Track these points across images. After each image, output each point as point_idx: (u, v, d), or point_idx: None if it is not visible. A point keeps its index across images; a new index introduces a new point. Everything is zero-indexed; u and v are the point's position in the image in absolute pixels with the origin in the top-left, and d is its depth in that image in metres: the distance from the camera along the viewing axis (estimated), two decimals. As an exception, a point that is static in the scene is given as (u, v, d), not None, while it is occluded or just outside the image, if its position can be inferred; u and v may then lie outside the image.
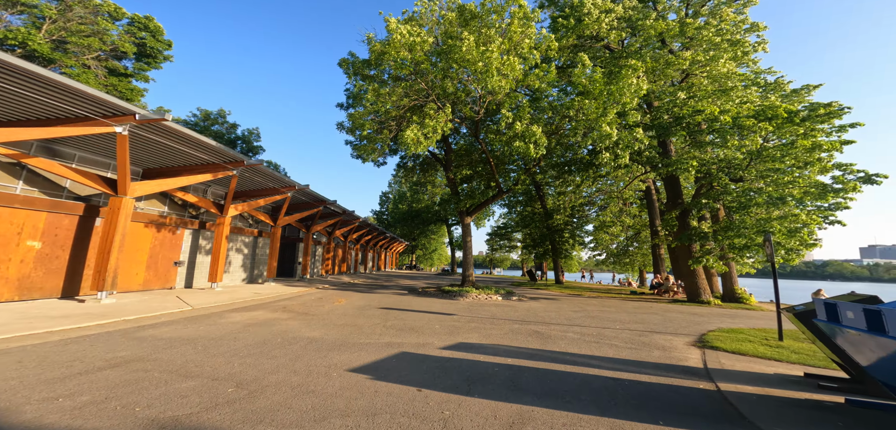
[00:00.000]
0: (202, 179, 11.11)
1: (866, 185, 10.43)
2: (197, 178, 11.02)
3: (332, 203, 19.91)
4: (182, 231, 12.89)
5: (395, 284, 23.02)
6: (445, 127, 14.27)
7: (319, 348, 5.99)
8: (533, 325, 8.99)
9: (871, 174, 10.36)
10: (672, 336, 7.97)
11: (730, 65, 13.93)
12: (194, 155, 10.71)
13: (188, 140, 9.53)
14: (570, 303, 14.43)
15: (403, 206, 61.75)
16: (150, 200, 11.79)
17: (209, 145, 10.06)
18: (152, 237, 11.62)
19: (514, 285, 26.14)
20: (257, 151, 38.11)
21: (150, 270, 11.46)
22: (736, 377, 4.77)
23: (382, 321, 8.80)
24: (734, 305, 16.05)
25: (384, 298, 14.19)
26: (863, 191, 10.44)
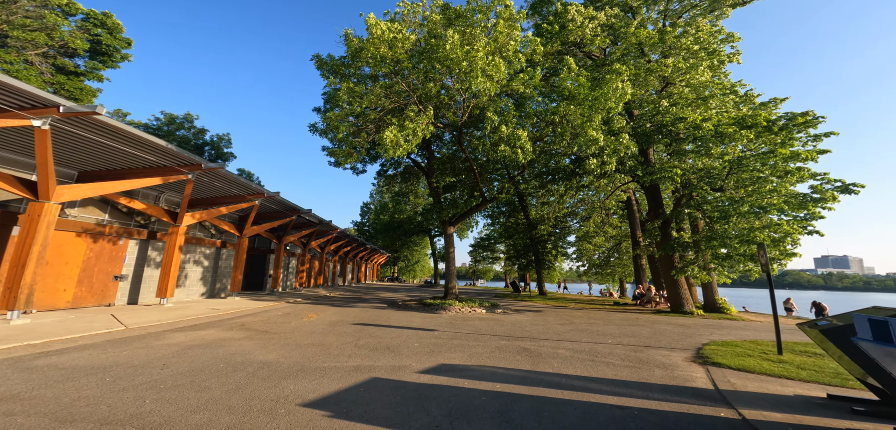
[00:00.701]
0: (150, 183, 9.83)
1: (844, 194, 10.59)
2: (143, 182, 9.74)
3: (307, 212, 18.69)
4: (126, 242, 11.40)
5: (374, 297, 21.83)
6: (426, 130, 13.60)
7: (271, 375, 4.99)
8: (520, 341, 8.27)
9: (849, 184, 10.54)
10: (668, 351, 7.44)
11: (707, 74, 14.14)
12: (140, 156, 9.46)
13: (130, 139, 8.33)
14: (556, 315, 13.87)
15: (385, 216, 60.43)
16: (86, 206, 10.33)
17: (157, 146, 8.87)
18: (87, 248, 10.13)
19: (497, 296, 25.48)
20: (228, 158, 36.11)
21: (83, 285, 9.94)
22: (754, 400, 4.20)
23: (354, 339, 7.82)
24: (716, 315, 16.01)
25: (360, 312, 13.11)
26: (840, 201, 10.61)
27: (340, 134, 13.30)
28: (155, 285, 12.02)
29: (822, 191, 10.85)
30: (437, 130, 21.11)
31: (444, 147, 22.87)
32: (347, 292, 25.57)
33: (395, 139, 11.94)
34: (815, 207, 10.84)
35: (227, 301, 13.69)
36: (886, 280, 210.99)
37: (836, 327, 3.60)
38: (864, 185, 10.36)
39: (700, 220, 17.76)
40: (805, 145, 11.59)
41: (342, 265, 37.26)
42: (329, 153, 15.44)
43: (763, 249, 7.22)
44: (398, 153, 12.47)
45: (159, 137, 11.48)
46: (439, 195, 20.17)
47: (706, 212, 13.65)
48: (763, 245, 7.24)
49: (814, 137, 11.31)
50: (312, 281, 28.04)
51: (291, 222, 18.96)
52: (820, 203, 10.75)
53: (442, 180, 19.63)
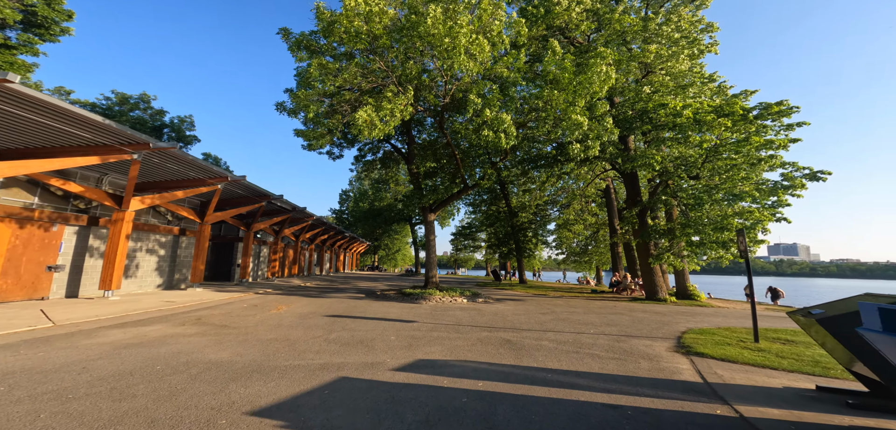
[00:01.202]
0: (85, 162, 8.62)
1: (812, 182, 10.97)
2: (77, 161, 8.52)
3: (278, 198, 17.55)
4: (61, 228, 10.08)
5: (352, 286, 21.08)
6: (405, 112, 12.87)
7: (218, 378, 4.35)
8: (503, 332, 7.96)
9: (816, 171, 10.91)
10: (650, 341, 7.35)
11: (687, 63, 14.20)
12: (73, 133, 8.23)
13: (54, 112, 7.15)
14: (537, 304, 13.77)
15: (364, 204, 59.00)
16: (9, 188, 8.95)
17: (90, 121, 7.70)
18: (12, 235, 8.82)
19: (479, 285, 25.37)
20: (191, 142, 33.58)
21: (9, 277, 8.67)
22: (745, 394, 4.02)
23: (325, 333, 7.22)
24: (688, 302, 16.52)
25: (335, 303, 12.43)
26: (808, 188, 11.00)
27: (311, 114, 12.28)
28: (99, 276, 10.78)
29: (791, 178, 11.19)
30: (418, 113, 20.32)
31: (424, 132, 22.13)
32: (324, 281, 24.62)
33: (370, 120, 11.17)
34: (784, 195, 11.16)
35: (187, 293, 12.60)
36: (830, 267, 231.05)
37: (835, 317, 3.41)
38: (831, 172, 10.76)
39: (675, 208, 18.19)
40: (777, 135, 11.88)
41: (319, 254, 35.99)
42: (300, 136, 14.30)
43: (742, 235, 7.21)
44: (374, 135, 11.71)
45: (108, 117, 10.15)
46: (420, 181, 19.52)
47: (681, 199, 13.88)
48: (742, 231, 7.22)
49: (786, 126, 11.61)
50: (286, 271, 26.81)
51: (261, 208, 17.75)
52: (790, 190, 11.08)
53: (422, 166, 18.96)
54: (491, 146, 12.54)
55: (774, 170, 12.20)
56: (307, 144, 14.00)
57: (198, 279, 14.15)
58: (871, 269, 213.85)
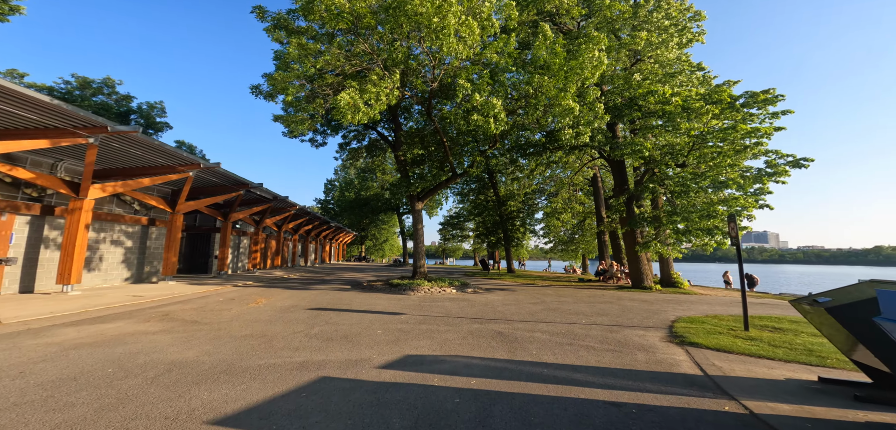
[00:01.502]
0: (33, 146, 7.77)
1: (794, 168, 11.14)
2: (24, 145, 7.66)
3: (257, 187, 16.69)
4: (10, 218, 9.15)
5: (337, 277, 20.52)
6: (391, 96, 12.28)
7: (180, 380, 3.89)
8: (494, 323, 7.72)
9: (799, 159, 11.08)
10: (643, 330, 7.25)
11: (675, 51, 14.12)
12: (17, 115, 7.35)
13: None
14: (527, 294, 13.66)
15: (350, 194, 57.80)
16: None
17: (38, 102, 6.87)
18: (-48, 225, 7.90)
19: (467, 275, 25.23)
20: (161, 129, 31.69)
21: (-51, 272, 7.79)
22: (749, 388, 3.87)
23: (307, 328, 6.78)
24: (672, 289, 16.80)
25: (319, 295, 11.94)
26: (791, 175, 11.17)
27: (289, 97, 11.52)
28: (56, 269, 9.92)
29: (775, 166, 11.33)
30: (405, 100, 19.67)
31: (411, 120, 21.48)
32: (308, 273, 23.92)
33: (354, 103, 10.57)
34: (768, 181, 11.31)
35: (158, 287, 11.83)
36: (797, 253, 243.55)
37: (846, 306, 3.25)
38: (813, 159, 10.94)
39: (660, 196, 18.35)
40: (762, 123, 11.98)
41: (304, 245, 35.04)
42: (280, 121, 13.42)
43: (734, 220, 7.14)
44: (358, 119, 11.11)
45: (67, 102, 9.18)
46: (407, 169, 18.99)
47: (668, 187, 13.94)
48: (734, 217, 7.15)
49: (772, 114, 11.70)
50: (269, 262, 25.93)
51: (238, 197, 16.87)
52: (773, 177, 11.23)
53: (410, 153, 18.40)
54: (480, 132, 12.15)
55: (758, 158, 12.34)
56: (287, 129, 13.21)
57: (170, 272, 13.32)
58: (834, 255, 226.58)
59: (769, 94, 11.50)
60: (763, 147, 11.77)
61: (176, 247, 13.47)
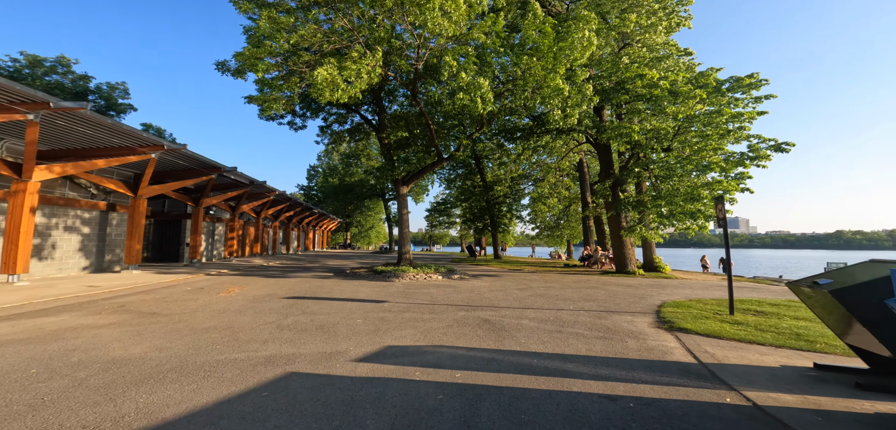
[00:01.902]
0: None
1: (776, 152, 11.27)
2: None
3: (230, 170, 15.72)
4: (-61, 200, 8.11)
5: (320, 265, 19.89)
6: (373, 74, 11.59)
7: (116, 381, 3.40)
8: (481, 310, 7.44)
9: (781, 143, 11.21)
10: (631, 316, 7.13)
11: (663, 36, 13.95)
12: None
13: None
14: (514, 280, 13.50)
15: (334, 179, 56.27)
16: None
17: None
18: None
19: (454, 261, 25.02)
20: (124, 111, 29.55)
21: None
22: (745, 376, 3.71)
23: (280, 318, 6.30)
24: (655, 274, 17.07)
25: (298, 283, 11.38)
26: (772, 158, 11.32)
27: (259, 73, 10.61)
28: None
29: (757, 150, 11.43)
30: (389, 82, 18.83)
31: (395, 103, 20.67)
32: (290, 260, 23.13)
33: (332, 79, 9.86)
34: (751, 165, 11.41)
35: (120, 277, 10.98)
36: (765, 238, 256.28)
37: (850, 288, 3.06)
38: (794, 143, 11.08)
39: (644, 181, 18.47)
40: (745, 107, 12.02)
41: (285, 232, 33.92)
42: (253, 102, 12.38)
43: (721, 202, 7.04)
44: (337, 97, 10.43)
45: (15, 81, 8.08)
46: (391, 153, 18.33)
47: (653, 172, 13.94)
48: (722, 198, 7.05)
49: (755, 99, 11.74)
50: (247, 250, 24.92)
51: (210, 181, 15.86)
52: (755, 161, 11.33)
53: (394, 136, 17.73)
54: (467, 113, 11.67)
55: (740, 142, 12.42)
56: (260, 111, 12.26)
57: (135, 260, 12.41)
58: (799, 240, 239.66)
59: (754, 78, 11.49)
60: (746, 131, 11.84)
61: (139, 234, 12.52)
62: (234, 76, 11.79)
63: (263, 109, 11.85)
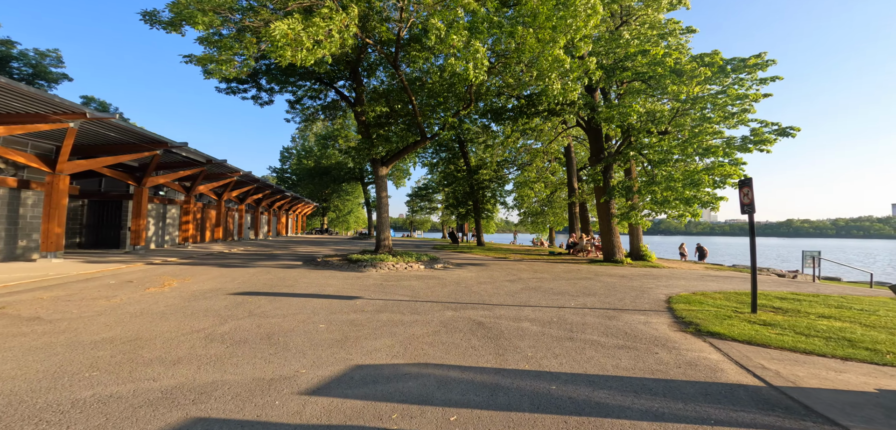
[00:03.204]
0: None
1: (781, 137, 10.74)
2: None
3: (179, 146, 13.58)
4: None
5: (289, 252, 18.13)
6: (346, 34, 9.90)
7: None
8: (471, 309, 6.29)
9: (785, 127, 10.68)
10: (643, 315, 6.21)
11: (666, 9, 13.05)
12: None
13: None
14: (502, 270, 12.49)
15: (309, 162, 53.23)
16: None
17: None
18: None
19: (436, 248, 23.84)
20: (56, 81, 25.78)
21: None
22: (847, 407, 2.75)
23: (215, 325, 4.86)
24: (643, 263, 16.63)
25: (258, 274, 9.80)
26: (776, 141, 10.77)
27: (200, 27, 8.58)
28: None
29: (760, 133, 10.85)
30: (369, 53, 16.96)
31: (375, 78, 18.76)
32: (256, 247, 21.12)
33: (295, 36, 8.15)
34: (753, 149, 10.84)
35: (34, 266, 9.00)
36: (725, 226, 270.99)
37: None
38: (799, 128, 10.59)
39: (635, 166, 17.86)
40: (748, 89, 11.39)
41: (253, 216, 31.42)
42: (197, 63, 10.08)
43: (749, 186, 6.16)
44: (302, 59, 8.73)
45: None
46: (369, 131, 16.65)
47: (647, 156, 13.20)
48: (748, 181, 6.18)
49: (760, 80, 11.12)
50: (208, 235, 22.59)
51: (155, 157, 13.66)
52: (759, 146, 10.76)
53: (372, 111, 16.02)
54: (456, 84, 10.28)
55: (745, 125, 11.82)
56: (205, 71, 10.14)
57: (54, 247, 10.32)
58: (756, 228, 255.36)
59: (760, 58, 10.82)
60: (750, 114, 11.22)
61: (60, 216, 10.40)
62: (165, 29, 9.49)
63: (212, 71, 9.79)
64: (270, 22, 10.50)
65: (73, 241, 15.31)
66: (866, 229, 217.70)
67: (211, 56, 9.80)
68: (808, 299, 7.49)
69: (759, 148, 10.72)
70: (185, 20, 8.84)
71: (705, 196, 11.56)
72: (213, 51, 10.05)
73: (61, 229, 10.50)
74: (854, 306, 6.77)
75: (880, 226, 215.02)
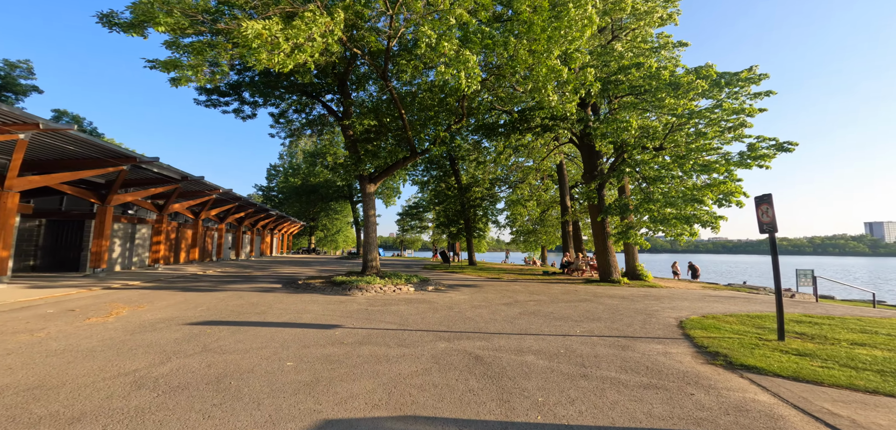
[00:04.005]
0: None
1: (780, 152, 10.53)
2: None
3: (150, 162, 12.65)
4: None
5: (270, 274, 16.98)
6: (331, 40, 9.36)
7: None
8: (467, 339, 5.50)
9: (783, 142, 10.49)
10: (660, 344, 5.54)
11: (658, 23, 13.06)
12: None
13: None
14: (496, 292, 11.73)
15: (296, 179, 52.14)
16: None
17: None
18: None
19: (426, 268, 22.93)
20: (25, 93, 24.63)
21: None
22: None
23: (152, 365, 3.93)
24: (640, 283, 16.11)
25: (227, 299, 8.78)
26: (775, 157, 10.55)
27: (163, 28, 7.77)
28: None
29: (757, 149, 10.63)
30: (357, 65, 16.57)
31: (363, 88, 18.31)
32: (235, 268, 19.84)
33: (270, 37, 7.54)
34: (753, 166, 10.57)
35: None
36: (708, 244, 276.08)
37: None
38: (797, 143, 10.41)
39: (628, 184, 17.59)
40: (741, 104, 11.25)
41: (235, 236, 30.00)
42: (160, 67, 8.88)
43: (768, 204, 5.68)
44: (278, 62, 8.08)
45: None
46: (357, 146, 16.02)
47: (643, 173, 12.88)
48: (768, 198, 5.71)
49: (753, 94, 11.01)
50: (183, 256, 21.20)
51: (121, 174, 12.63)
52: (758, 161, 10.51)
53: (360, 124, 15.41)
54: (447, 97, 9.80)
55: (741, 140, 11.62)
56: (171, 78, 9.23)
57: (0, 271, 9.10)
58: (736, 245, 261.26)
59: (752, 71, 10.75)
60: (747, 128, 11.04)
61: (6, 237, 9.23)
62: (125, 32, 8.57)
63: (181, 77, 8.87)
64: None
65: (25, 264, 13.90)
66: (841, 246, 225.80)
67: (176, 61, 8.98)
68: (827, 322, 6.96)
69: (759, 164, 10.47)
70: (147, 21, 8.03)
71: (705, 215, 11.17)
72: (181, 55, 9.25)
73: (8, 252, 9.30)
74: (879, 330, 6.25)
75: (855, 244, 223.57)
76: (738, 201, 10.27)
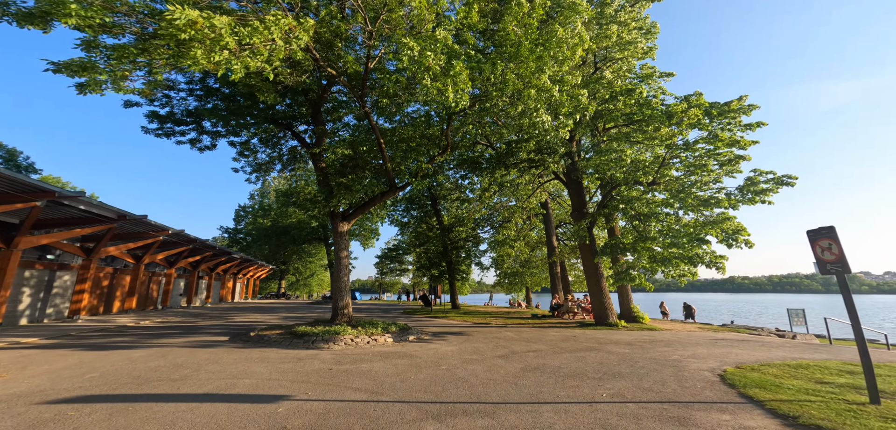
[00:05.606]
0: None
1: (781, 186, 10.10)
2: None
3: (72, 197, 10.58)
4: None
5: (222, 323, 14.36)
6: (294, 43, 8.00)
7: None
8: (464, 416, 3.87)
9: (782, 176, 10.12)
10: (722, 413, 4.15)
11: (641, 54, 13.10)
12: None
13: None
14: (487, 340, 10.06)
15: (265, 220, 49.09)
16: None
17: None
18: None
19: (406, 313, 20.75)
20: None
21: None
22: None
23: None
24: (638, 326, 14.96)
25: (143, 360, 6.59)
26: (777, 192, 10.09)
27: (72, 21, 6.05)
28: None
29: (756, 182, 10.17)
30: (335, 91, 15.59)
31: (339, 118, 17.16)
32: (183, 317, 16.90)
33: (208, 28, 6.14)
34: (757, 201, 10.03)
35: None
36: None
37: None
38: (797, 177, 10.06)
39: (617, 222, 16.91)
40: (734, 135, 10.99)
41: (188, 281, 26.63)
42: (63, 71, 6.82)
43: (833, 237, 4.66)
44: (222, 62, 6.61)
45: None
46: (329, 179, 14.56)
47: (635, 209, 12.16)
48: (832, 230, 4.69)
49: (744, 126, 10.81)
50: (116, 305, 18.03)
51: (33, 211, 10.42)
52: (760, 197, 10.00)
53: (333, 153, 14.01)
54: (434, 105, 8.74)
55: (734, 176, 11.24)
56: (78, 85, 7.28)
57: None
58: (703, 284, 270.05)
59: (741, 102, 10.62)
60: (743, 161, 10.68)
61: None
62: (19, 24, 6.61)
63: (86, 85, 7.03)
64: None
65: None
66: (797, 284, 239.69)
67: (87, 62, 7.06)
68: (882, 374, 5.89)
69: (761, 199, 9.96)
70: (52, 13, 6.27)
71: (707, 255, 10.34)
72: (106, 59, 7.36)
73: None
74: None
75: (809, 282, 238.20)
76: (746, 240, 9.52)
